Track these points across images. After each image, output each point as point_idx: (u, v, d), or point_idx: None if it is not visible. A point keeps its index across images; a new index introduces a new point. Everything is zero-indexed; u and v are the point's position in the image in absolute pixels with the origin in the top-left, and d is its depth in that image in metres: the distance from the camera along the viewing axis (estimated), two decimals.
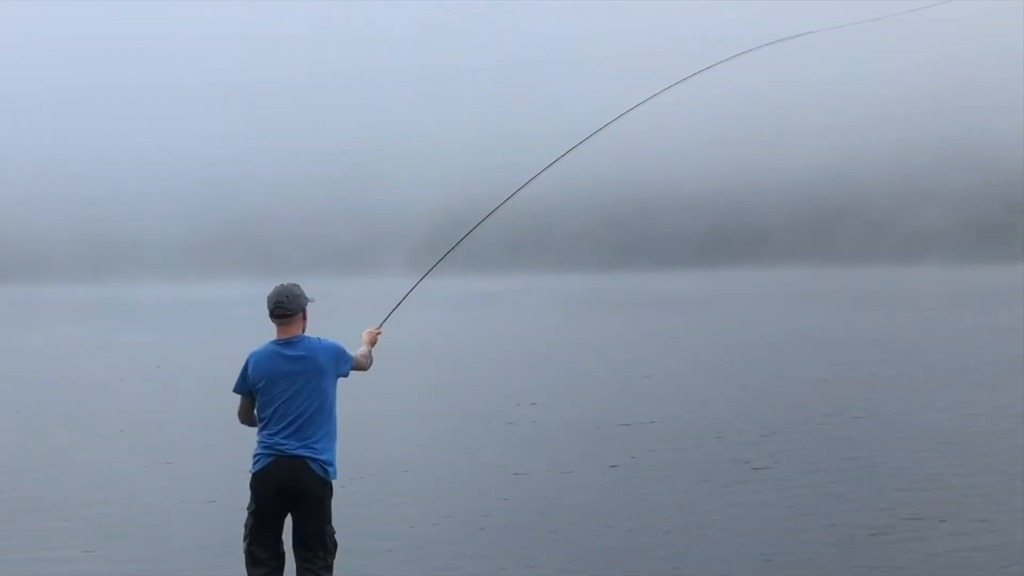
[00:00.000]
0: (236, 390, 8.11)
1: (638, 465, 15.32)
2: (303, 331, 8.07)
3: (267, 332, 8.20)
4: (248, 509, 8.03)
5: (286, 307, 7.98)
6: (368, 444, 17.06)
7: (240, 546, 8.11)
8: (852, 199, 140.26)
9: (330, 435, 8.02)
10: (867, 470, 14.50)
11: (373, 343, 8.67)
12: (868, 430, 17.78)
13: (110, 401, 24.13)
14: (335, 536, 8.10)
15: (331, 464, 7.99)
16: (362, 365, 8.39)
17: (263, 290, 8.54)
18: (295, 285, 8.09)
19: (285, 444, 7.81)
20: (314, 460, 7.85)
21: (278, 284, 8.12)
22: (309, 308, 8.16)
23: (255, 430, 8.10)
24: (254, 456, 7.97)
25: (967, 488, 13.27)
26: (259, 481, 7.89)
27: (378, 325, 8.88)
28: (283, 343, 7.97)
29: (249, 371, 7.98)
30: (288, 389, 7.86)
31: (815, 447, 16.35)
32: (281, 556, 8.04)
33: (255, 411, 8.10)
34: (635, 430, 18.36)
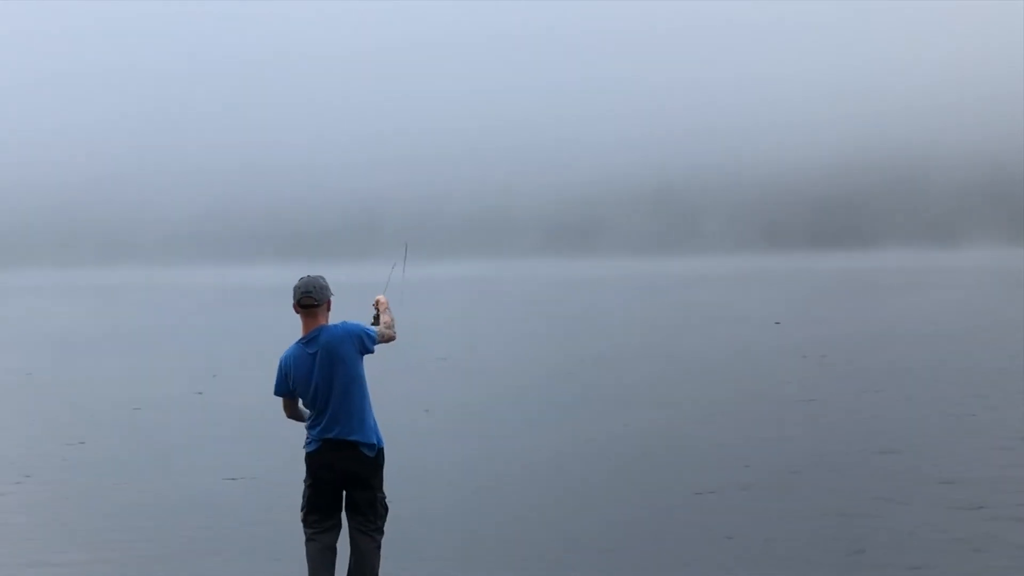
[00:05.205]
0: (277, 393, 8.41)
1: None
2: (326, 321, 8.31)
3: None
4: (305, 482, 8.39)
5: (313, 297, 8.26)
6: (478, 426, 17.22)
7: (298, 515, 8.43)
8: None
9: (368, 411, 8.29)
10: None
11: (385, 309, 8.64)
12: None
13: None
14: (386, 501, 8.40)
15: (376, 439, 8.28)
16: (387, 337, 8.49)
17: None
18: (320, 277, 8.37)
19: (331, 432, 8.17)
20: (361, 443, 8.20)
21: (304, 276, 8.40)
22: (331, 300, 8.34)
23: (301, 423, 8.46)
24: (306, 440, 8.34)
25: None
26: (312, 462, 8.29)
27: (382, 292, 8.83)
28: (306, 342, 8.24)
29: (286, 374, 8.28)
30: (320, 384, 8.17)
31: None
32: (338, 525, 8.36)
33: (300, 406, 8.40)
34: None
